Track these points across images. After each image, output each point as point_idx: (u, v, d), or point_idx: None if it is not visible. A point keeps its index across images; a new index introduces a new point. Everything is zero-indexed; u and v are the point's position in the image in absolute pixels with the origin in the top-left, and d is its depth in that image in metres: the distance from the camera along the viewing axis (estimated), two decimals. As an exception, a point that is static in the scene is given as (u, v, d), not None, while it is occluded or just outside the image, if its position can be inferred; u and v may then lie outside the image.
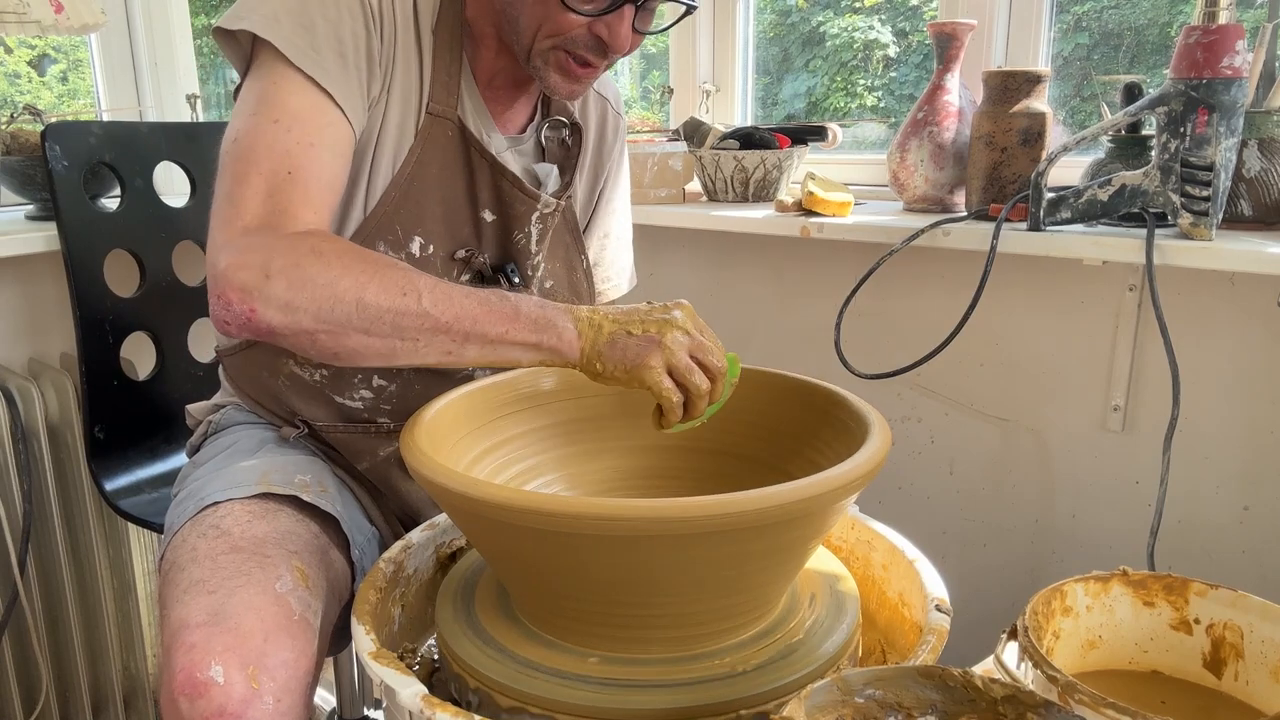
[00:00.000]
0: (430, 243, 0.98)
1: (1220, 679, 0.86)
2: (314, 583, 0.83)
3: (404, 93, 0.95)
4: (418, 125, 0.95)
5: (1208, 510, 1.31)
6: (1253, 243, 1.11)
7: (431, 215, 0.98)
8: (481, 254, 1.02)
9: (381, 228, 0.95)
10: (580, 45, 0.90)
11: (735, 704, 0.69)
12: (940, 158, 1.38)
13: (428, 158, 0.96)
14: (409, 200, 0.96)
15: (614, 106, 1.16)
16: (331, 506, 0.93)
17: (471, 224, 1.01)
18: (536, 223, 1.03)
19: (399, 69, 0.94)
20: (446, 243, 0.99)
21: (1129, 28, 1.53)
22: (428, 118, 0.96)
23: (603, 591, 0.71)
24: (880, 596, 0.93)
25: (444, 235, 0.99)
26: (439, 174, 0.97)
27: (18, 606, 1.46)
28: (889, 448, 0.74)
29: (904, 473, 1.57)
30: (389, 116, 0.94)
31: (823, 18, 1.89)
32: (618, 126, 1.17)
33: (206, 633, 0.72)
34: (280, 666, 0.73)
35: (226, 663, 0.71)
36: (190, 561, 0.81)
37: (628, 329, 0.78)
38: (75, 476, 1.50)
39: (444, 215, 0.99)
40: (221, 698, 0.70)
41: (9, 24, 1.43)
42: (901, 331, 1.51)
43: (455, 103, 0.97)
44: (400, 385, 1.01)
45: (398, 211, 0.95)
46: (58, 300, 1.58)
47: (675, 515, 0.63)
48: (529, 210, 1.01)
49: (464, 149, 0.98)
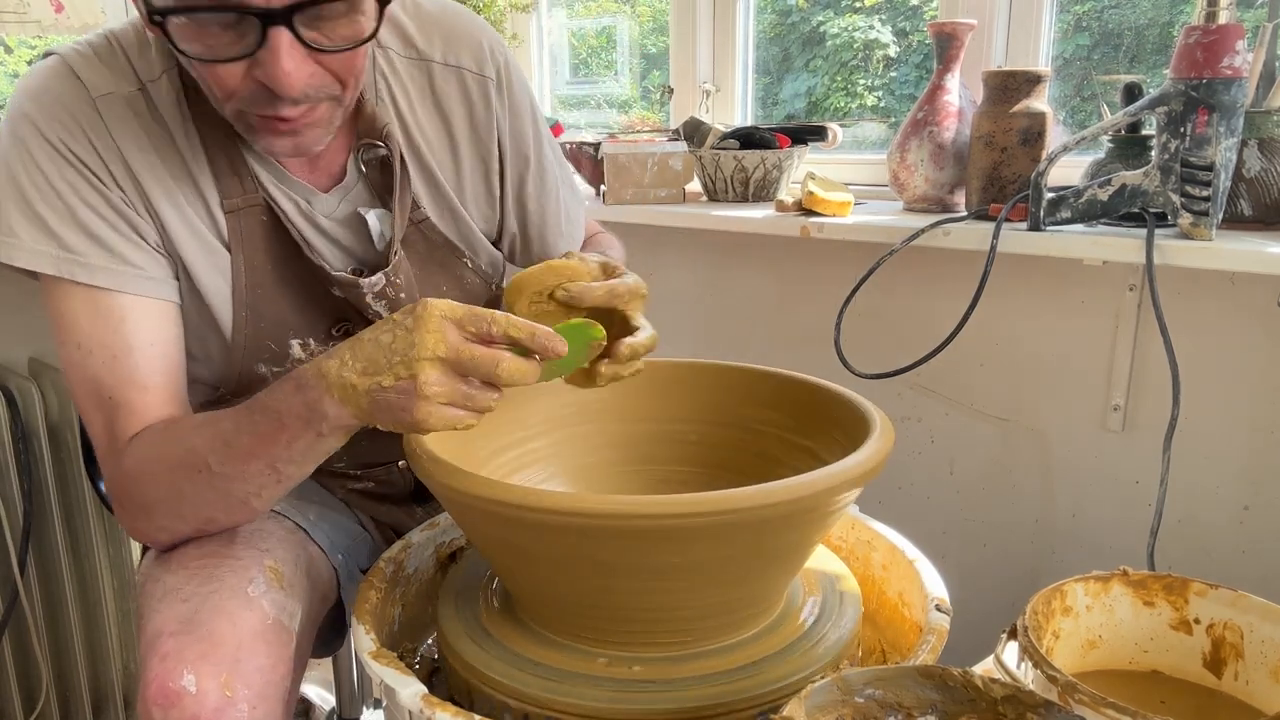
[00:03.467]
0: (307, 338, 0.90)
1: (1220, 679, 0.86)
2: (289, 582, 0.82)
3: (184, 216, 0.83)
4: (223, 234, 0.85)
5: (1208, 510, 1.30)
6: (1253, 243, 1.11)
7: (291, 313, 0.89)
8: (357, 324, 0.90)
9: (253, 352, 0.88)
10: (258, 102, 0.74)
11: (735, 704, 0.69)
12: (940, 158, 1.38)
13: (252, 261, 0.86)
14: (262, 313, 0.87)
15: (475, 71, 0.92)
16: (302, 515, 0.92)
17: (330, 300, 0.90)
18: (378, 298, 0.89)
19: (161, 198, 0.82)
20: (319, 330, 0.91)
21: (1129, 28, 1.53)
22: (229, 218, 0.84)
23: (603, 589, 0.71)
24: (880, 596, 0.93)
25: (314, 323, 0.90)
26: (272, 272, 0.87)
27: (18, 606, 1.46)
28: (891, 445, 0.74)
29: (904, 473, 1.57)
30: (183, 247, 0.83)
31: (823, 17, 1.89)
32: (488, 92, 0.93)
33: (179, 641, 0.72)
34: (255, 672, 0.73)
35: (199, 671, 0.70)
36: (164, 570, 0.81)
37: (379, 382, 0.66)
38: (75, 476, 1.50)
39: (301, 306, 0.89)
40: (195, 707, 0.69)
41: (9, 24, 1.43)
42: (901, 331, 1.51)
43: (252, 185, 0.85)
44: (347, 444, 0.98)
45: (258, 329, 0.87)
46: (58, 300, 1.58)
47: (676, 512, 0.63)
48: (360, 295, 0.88)
49: (281, 234, 0.87)
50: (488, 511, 0.68)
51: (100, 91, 0.80)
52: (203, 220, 0.84)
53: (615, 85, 2.28)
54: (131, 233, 0.81)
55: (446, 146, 0.93)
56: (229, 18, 0.68)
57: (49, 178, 0.79)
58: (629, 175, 1.63)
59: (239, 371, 0.89)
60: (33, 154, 0.79)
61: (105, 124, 0.80)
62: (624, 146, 1.64)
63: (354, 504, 1.04)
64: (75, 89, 0.80)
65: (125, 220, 0.81)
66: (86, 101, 0.80)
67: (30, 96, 0.80)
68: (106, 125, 0.80)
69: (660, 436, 0.94)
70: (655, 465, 0.94)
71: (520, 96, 0.96)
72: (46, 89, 0.80)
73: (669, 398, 0.90)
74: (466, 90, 0.92)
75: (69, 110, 0.79)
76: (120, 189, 0.81)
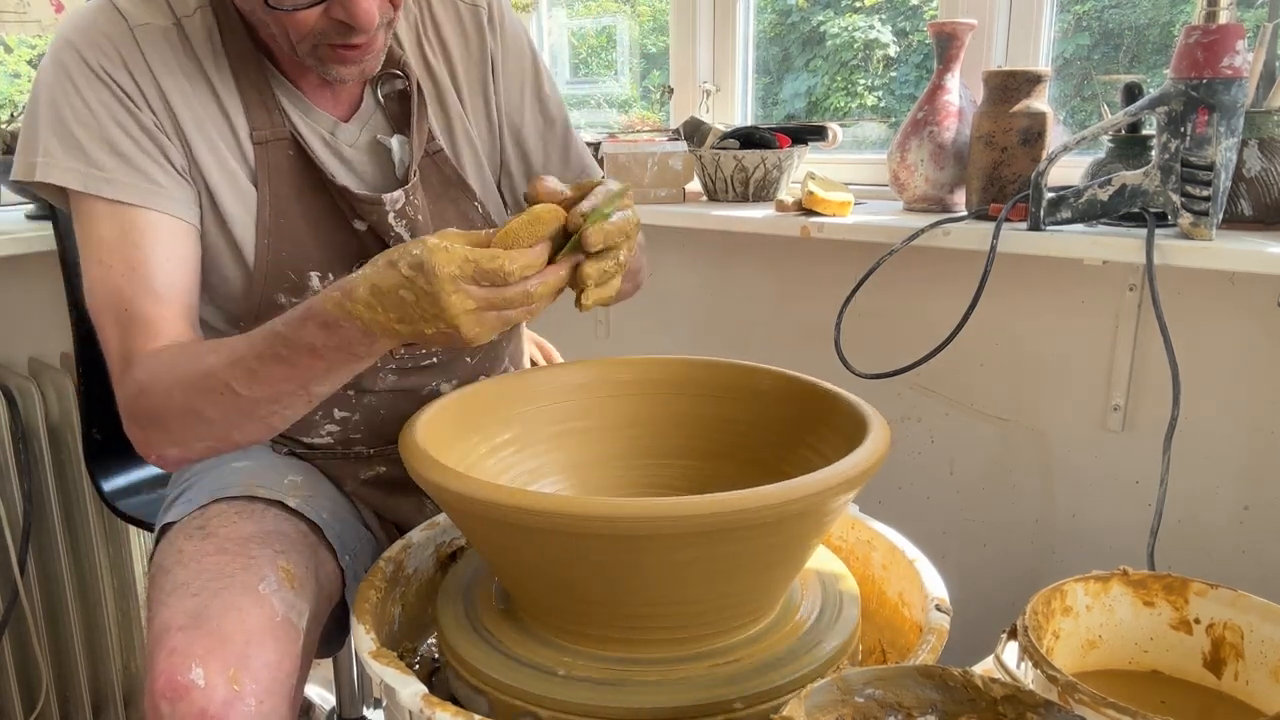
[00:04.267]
0: (327, 271, 0.92)
1: (1220, 679, 0.86)
2: (300, 583, 0.83)
3: (211, 144, 0.87)
4: (250, 165, 0.89)
5: (1208, 510, 1.30)
6: (1253, 243, 1.11)
7: (313, 246, 0.91)
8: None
9: (273, 281, 0.90)
10: (331, 35, 0.81)
11: (735, 703, 0.69)
12: (940, 157, 1.38)
13: (278, 191, 0.89)
14: (283, 244, 0.90)
15: (469, 1, 0.99)
16: (316, 514, 0.92)
17: (351, 234, 0.93)
18: (399, 217, 0.91)
19: (192, 127, 0.87)
20: (339, 265, 0.92)
21: (1129, 27, 1.53)
22: (257, 150, 0.88)
23: (602, 591, 0.71)
24: (880, 596, 0.93)
25: (334, 259, 0.92)
26: (297, 204, 0.90)
27: (18, 606, 1.46)
28: (887, 446, 0.74)
29: (904, 473, 1.57)
30: (210, 175, 0.87)
31: (823, 17, 1.89)
32: (480, 21, 0.98)
33: (188, 636, 0.72)
34: (263, 668, 0.73)
35: (207, 665, 0.71)
36: (176, 564, 0.81)
37: (422, 330, 0.70)
38: (75, 476, 1.50)
39: (323, 240, 0.92)
40: (202, 700, 0.70)
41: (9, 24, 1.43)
42: (901, 331, 1.51)
43: (280, 119, 0.89)
44: (364, 414, 0.99)
45: (279, 259, 0.90)
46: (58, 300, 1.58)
47: (674, 514, 0.63)
48: (383, 213, 0.91)
49: (307, 166, 0.90)
50: (482, 514, 0.68)
51: (138, 22, 0.85)
52: (231, 151, 0.88)
53: (615, 85, 2.28)
54: (158, 153, 0.85)
55: (447, 73, 0.98)
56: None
57: (86, 100, 0.83)
58: (629, 175, 1.63)
59: (258, 302, 0.91)
60: (72, 77, 0.84)
61: (142, 52, 0.85)
62: (624, 146, 1.64)
63: (363, 500, 1.04)
64: (115, 19, 0.85)
65: (153, 141, 0.85)
66: (125, 31, 0.85)
67: (73, 27, 0.85)
68: (143, 53, 0.85)
69: (659, 436, 0.94)
70: (653, 464, 0.94)
71: (514, 34, 1.00)
72: (90, 20, 0.85)
73: (668, 397, 0.90)
74: (460, 19, 0.98)
75: (109, 38, 0.84)
76: (152, 111, 0.85)
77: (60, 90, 0.84)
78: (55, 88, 0.84)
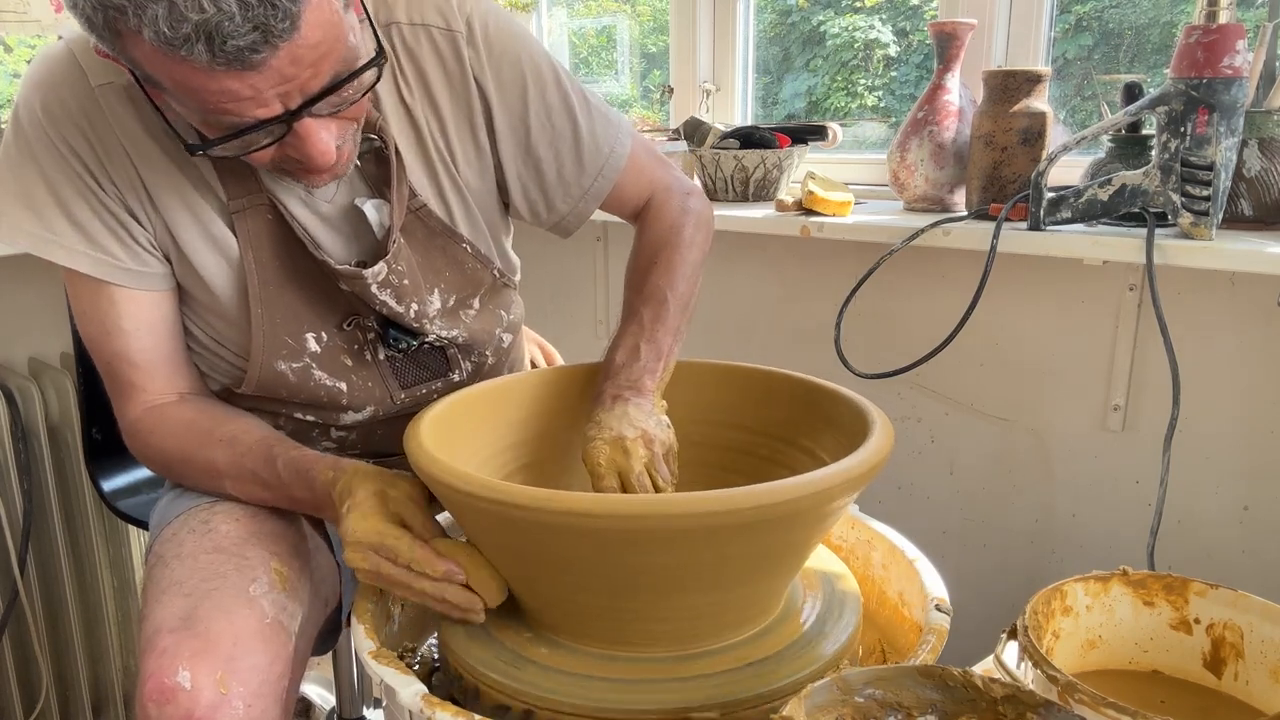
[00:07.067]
0: (321, 332, 0.91)
1: (1220, 679, 0.86)
2: (292, 585, 0.83)
3: (194, 213, 0.85)
4: (230, 234, 0.86)
5: (1208, 510, 1.30)
6: (1253, 242, 1.11)
7: (302, 307, 0.90)
8: (366, 317, 0.92)
9: (272, 349, 0.89)
10: (291, 169, 0.78)
11: (735, 703, 0.69)
12: (940, 157, 1.38)
13: (261, 259, 0.87)
14: (276, 311, 0.88)
15: (442, 26, 0.90)
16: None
17: (338, 292, 0.90)
18: (382, 286, 0.89)
19: (165, 193, 0.84)
20: (330, 326, 0.92)
21: (1129, 27, 1.53)
22: (237, 219, 0.86)
23: (603, 589, 0.70)
24: (880, 596, 0.93)
25: (326, 319, 0.91)
26: (280, 270, 0.88)
27: (18, 606, 1.46)
28: (891, 446, 0.74)
29: (904, 473, 1.57)
30: (188, 245, 0.86)
31: (823, 17, 1.89)
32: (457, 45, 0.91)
33: (176, 638, 0.72)
34: (251, 671, 0.73)
35: (194, 668, 0.71)
36: (174, 558, 0.82)
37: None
38: (75, 476, 1.50)
39: (311, 300, 0.90)
40: (189, 703, 0.70)
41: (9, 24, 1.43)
42: (901, 331, 1.51)
43: (254, 183, 0.86)
44: (361, 434, 0.99)
45: (274, 326, 0.89)
46: (58, 300, 1.58)
47: (675, 512, 0.63)
48: (365, 285, 0.88)
49: (286, 231, 0.88)
50: (486, 510, 0.68)
51: (99, 81, 0.82)
52: (210, 221, 0.86)
53: (615, 85, 2.28)
54: (121, 230, 0.85)
55: (428, 104, 0.91)
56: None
57: (44, 169, 0.82)
58: (629, 175, 1.63)
59: (259, 370, 0.90)
60: (31, 145, 0.83)
61: (106, 116, 0.82)
62: (624, 146, 1.64)
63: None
64: (77, 77, 0.82)
65: (115, 218, 0.84)
66: (86, 90, 0.82)
67: (35, 86, 0.83)
68: (107, 117, 0.82)
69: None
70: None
71: (502, 46, 0.92)
72: (50, 78, 0.83)
73: (669, 397, 0.90)
74: (438, 50, 0.90)
75: (71, 101, 0.82)
76: (115, 186, 0.84)
77: (19, 154, 0.83)
78: (14, 151, 0.83)
